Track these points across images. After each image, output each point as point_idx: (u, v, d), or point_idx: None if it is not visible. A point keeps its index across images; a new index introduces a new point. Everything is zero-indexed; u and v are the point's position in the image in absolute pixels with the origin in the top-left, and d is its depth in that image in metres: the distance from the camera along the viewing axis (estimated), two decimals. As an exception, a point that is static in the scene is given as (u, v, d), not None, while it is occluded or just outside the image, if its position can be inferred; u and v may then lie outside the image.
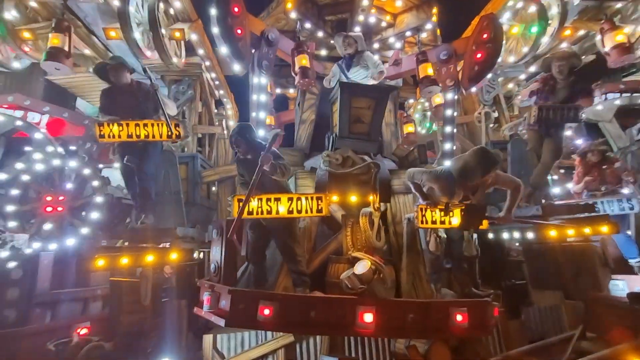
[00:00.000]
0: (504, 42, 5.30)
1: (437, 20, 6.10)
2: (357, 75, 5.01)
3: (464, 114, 8.21)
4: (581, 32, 6.86)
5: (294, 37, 5.66)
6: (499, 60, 6.11)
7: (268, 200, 3.51)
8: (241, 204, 3.42)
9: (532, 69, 7.67)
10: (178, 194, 4.79)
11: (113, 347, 3.91)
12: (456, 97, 4.82)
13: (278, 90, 9.60)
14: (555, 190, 6.10)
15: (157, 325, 4.19)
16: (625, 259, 5.08)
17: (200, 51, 7.00)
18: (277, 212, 3.49)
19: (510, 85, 8.95)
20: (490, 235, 5.94)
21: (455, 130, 4.82)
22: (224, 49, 4.77)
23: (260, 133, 4.64)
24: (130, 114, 4.29)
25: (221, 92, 9.37)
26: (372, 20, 5.98)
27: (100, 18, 6.33)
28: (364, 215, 4.05)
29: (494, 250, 6.05)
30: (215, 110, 10.26)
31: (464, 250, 3.75)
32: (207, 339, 4.23)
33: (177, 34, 6.36)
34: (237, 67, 5.00)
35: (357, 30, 5.36)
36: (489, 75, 6.33)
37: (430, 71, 4.94)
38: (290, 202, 3.50)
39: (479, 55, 5.00)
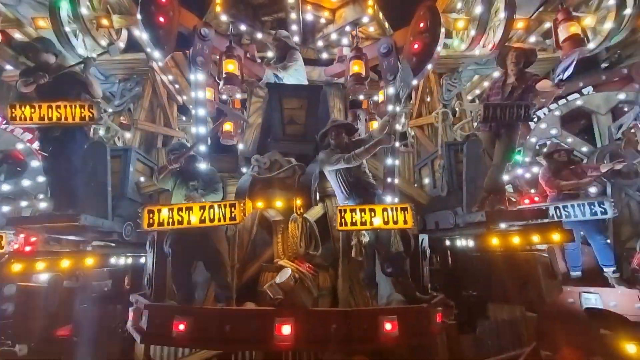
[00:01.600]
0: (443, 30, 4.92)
1: (373, 12, 5.88)
2: (291, 75, 4.84)
3: (428, 113, 8.05)
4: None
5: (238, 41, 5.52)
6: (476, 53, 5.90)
7: (179, 210, 3.32)
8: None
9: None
10: (105, 186, 4.54)
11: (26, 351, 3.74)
12: (402, 93, 4.57)
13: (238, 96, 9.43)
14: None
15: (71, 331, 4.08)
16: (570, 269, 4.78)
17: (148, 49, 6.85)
18: (189, 222, 3.29)
19: (486, 84, 8.75)
20: (447, 243, 5.79)
21: (399, 127, 4.58)
22: (144, 35, 4.76)
23: (201, 130, 4.47)
24: (49, 95, 4.04)
25: (185, 97, 9.16)
26: (309, 17, 5.82)
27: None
28: (293, 220, 3.87)
29: (451, 258, 5.88)
30: (184, 118, 10.03)
31: (392, 246, 3.55)
32: (139, 346, 4.09)
33: (105, 22, 6.21)
34: (156, 54, 4.99)
35: (294, 29, 5.20)
36: (431, 70, 6.02)
37: (356, 69, 4.68)
38: (202, 210, 3.30)
39: (416, 46, 4.84)
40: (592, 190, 5.24)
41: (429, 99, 7.43)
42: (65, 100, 3.98)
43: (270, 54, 6.20)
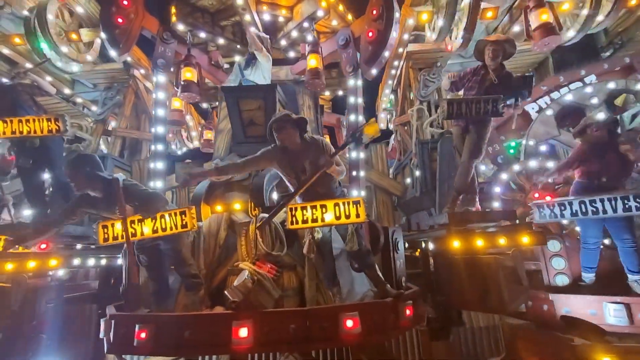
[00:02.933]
0: (398, 16, 4.75)
1: (328, 5, 5.81)
2: (255, 75, 4.82)
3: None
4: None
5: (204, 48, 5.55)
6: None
7: (132, 222, 3.33)
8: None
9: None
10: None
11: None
12: (359, 82, 4.50)
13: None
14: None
15: (36, 329, 4.13)
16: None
17: (129, 58, 7.03)
18: (142, 234, 3.30)
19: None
20: (423, 245, 5.67)
21: (361, 118, 4.49)
22: (102, 34, 5.03)
23: (160, 129, 4.55)
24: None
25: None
26: (267, 17, 5.80)
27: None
28: (254, 222, 3.84)
29: (424, 261, 5.73)
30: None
31: (346, 245, 3.49)
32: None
33: (74, 36, 6.74)
34: (112, 53, 5.22)
35: (253, 30, 5.18)
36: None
37: (313, 63, 4.63)
38: (154, 221, 3.32)
39: (370, 34, 4.74)
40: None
41: (412, 96, 7.36)
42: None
43: (237, 58, 6.21)
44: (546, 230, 4.57)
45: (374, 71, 4.50)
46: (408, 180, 6.04)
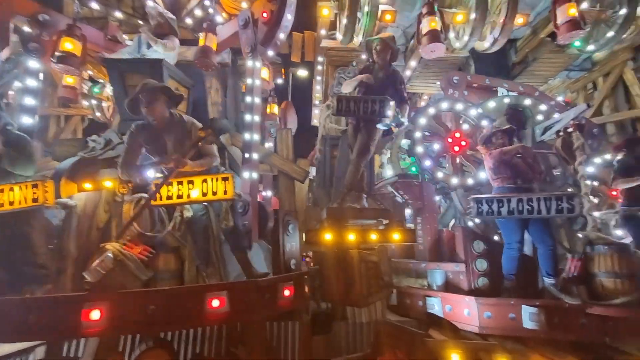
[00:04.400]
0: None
1: None
2: (157, 52, 4.55)
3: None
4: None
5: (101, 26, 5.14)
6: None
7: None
8: None
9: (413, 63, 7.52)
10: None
11: None
12: (257, 64, 4.41)
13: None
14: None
15: None
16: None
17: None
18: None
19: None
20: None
21: (259, 102, 4.41)
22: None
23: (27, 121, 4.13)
24: None
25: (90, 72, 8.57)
26: None
27: None
28: (130, 201, 3.63)
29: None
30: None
31: (220, 222, 3.41)
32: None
33: None
34: None
35: (150, 4, 4.90)
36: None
37: (205, 41, 4.48)
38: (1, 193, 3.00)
39: (265, 15, 4.74)
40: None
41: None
42: None
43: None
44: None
45: (270, 53, 4.44)
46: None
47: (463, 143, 5.60)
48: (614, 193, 5.59)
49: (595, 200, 5.49)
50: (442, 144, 5.59)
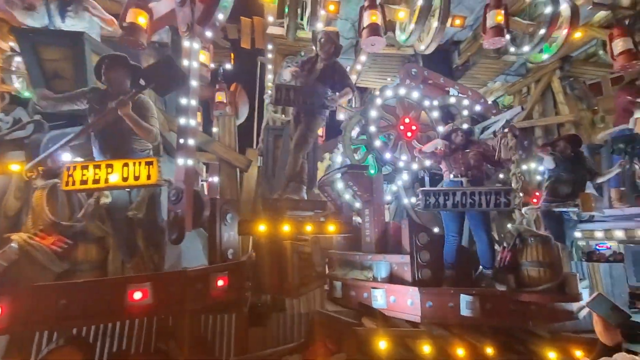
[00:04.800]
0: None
1: None
2: (75, 25, 4.13)
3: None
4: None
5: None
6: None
7: None
8: None
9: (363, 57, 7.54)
10: None
11: None
12: (195, 45, 4.15)
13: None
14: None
15: None
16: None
17: None
18: None
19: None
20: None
21: (196, 84, 4.18)
22: None
23: None
24: None
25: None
26: None
27: None
28: (42, 188, 3.28)
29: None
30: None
31: (130, 211, 3.20)
32: None
33: None
34: None
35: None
36: None
37: (132, 17, 4.11)
38: None
39: None
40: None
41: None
42: None
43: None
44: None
45: (208, 33, 4.19)
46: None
47: (414, 127, 5.81)
48: (535, 200, 6.13)
49: (522, 196, 5.99)
50: (396, 133, 5.74)
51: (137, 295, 2.96)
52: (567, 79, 8.56)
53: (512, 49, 7.02)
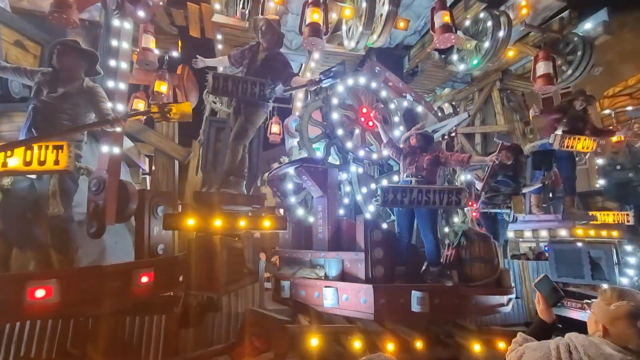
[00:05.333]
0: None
1: None
2: None
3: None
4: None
5: None
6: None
7: None
8: None
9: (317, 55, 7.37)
10: None
11: None
12: (126, 25, 3.84)
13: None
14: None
15: None
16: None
17: None
18: None
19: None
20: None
21: (125, 67, 3.87)
22: None
23: None
24: None
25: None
26: None
27: None
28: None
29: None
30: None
31: (49, 209, 2.88)
32: None
33: None
34: None
35: None
36: None
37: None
38: None
39: None
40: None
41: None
42: None
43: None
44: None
45: (141, 14, 3.89)
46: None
47: (372, 114, 5.79)
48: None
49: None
50: (360, 127, 5.77)
51: (40, 293, 2.64)
52: (505, 90, 9.18)
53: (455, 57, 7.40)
